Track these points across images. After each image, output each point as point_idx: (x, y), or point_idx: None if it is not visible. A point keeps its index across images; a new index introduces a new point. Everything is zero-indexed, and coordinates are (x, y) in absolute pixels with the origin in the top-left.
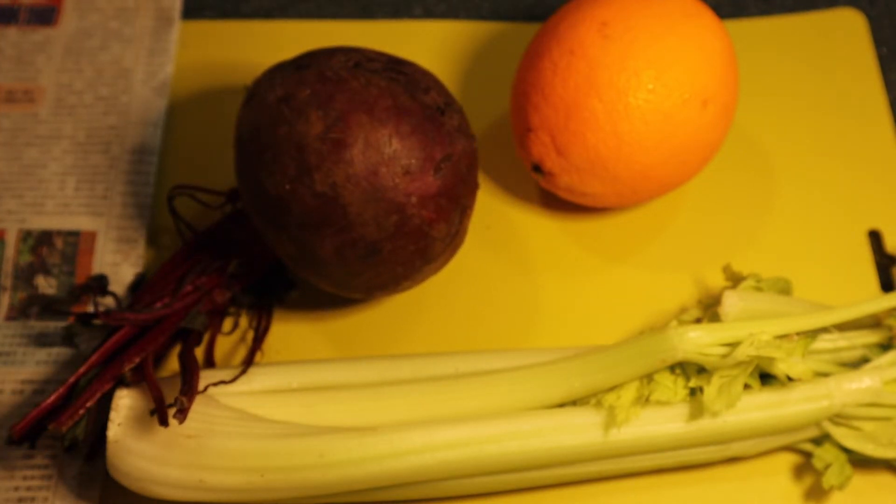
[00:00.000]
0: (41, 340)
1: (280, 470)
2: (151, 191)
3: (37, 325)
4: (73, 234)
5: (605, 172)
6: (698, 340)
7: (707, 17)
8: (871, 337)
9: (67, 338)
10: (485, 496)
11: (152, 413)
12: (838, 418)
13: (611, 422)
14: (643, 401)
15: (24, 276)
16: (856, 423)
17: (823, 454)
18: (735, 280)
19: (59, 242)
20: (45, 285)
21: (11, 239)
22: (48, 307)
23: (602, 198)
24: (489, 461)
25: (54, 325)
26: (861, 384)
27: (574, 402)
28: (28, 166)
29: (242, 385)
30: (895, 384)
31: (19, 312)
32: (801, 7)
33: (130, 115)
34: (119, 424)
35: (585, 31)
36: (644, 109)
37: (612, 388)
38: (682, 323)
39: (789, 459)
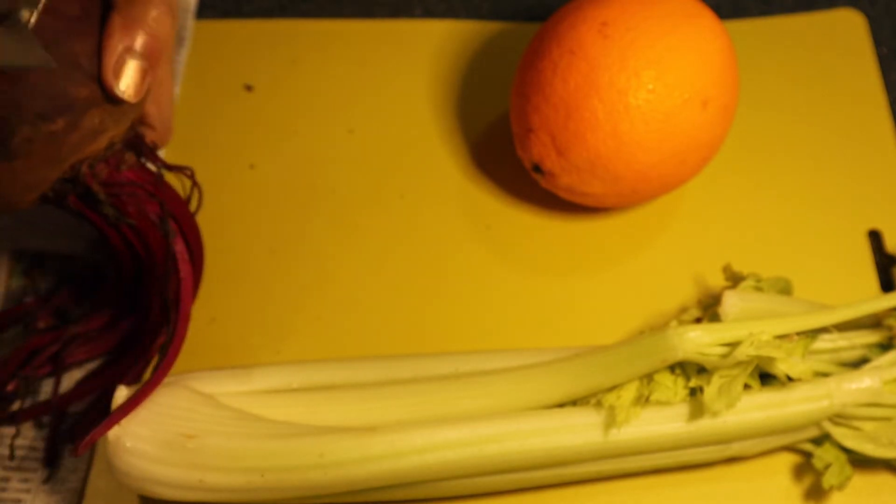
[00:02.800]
0: None
1: (280, 470)
2: None
3: None
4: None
5: (606, 172)
6: (698, 340)
7: (707, 17)
8: (871, 337)
9: None
10: (485, 496)
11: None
12: (838, 418)
13: (611, 422)
14: (643, 401)
15: (16, 300)
16: (856, 423)
17: (823, 454)
18: (735, 280)
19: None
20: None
21: (4, 258)
22: None
23: (602, 198)
24: (489, 461)
25: None
26: (861, 384)
27: (574, 402)
28: None
29: (242, 385)
30: (895, 384)
31: None
32: (801, 7)
33: None
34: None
35: (586, 31)
36: (644, 109)
37: (612, 388)
38: (682, 323)
39: (789, 459)
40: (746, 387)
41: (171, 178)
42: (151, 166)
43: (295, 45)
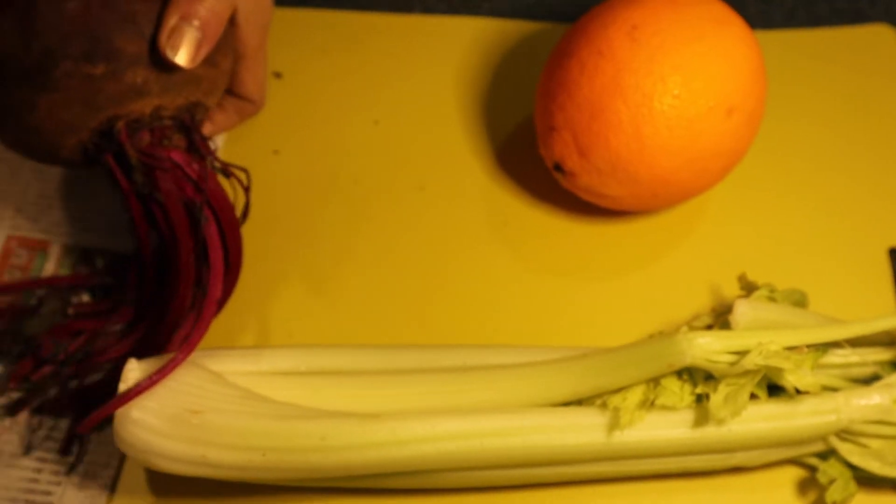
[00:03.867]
0: None
1: (281, 451)
2: None
3: None
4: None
5: (626, 175)
6: (707, 347)
7: (737, 25)
8: (884, 354)
9: None
10: (485, 491)
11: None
12: (845, 434)
13: (615, 423)
14: (648, 404)
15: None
16: (863, 440)
17: (828, 469)
18: (749, 289)
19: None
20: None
21: (54, 253)
22: None
23: (621, 200)
24: (490, 455)
25: None
26: (870, 401)
27: (579, 402)
28: (79, 177)
29: (251, 365)
30: None
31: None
32: (801, 12)
33: None
34: None
35: (615, 33)
36: (668, 115)
37: (618, 390)
38: (692, 329)
39: (794, 473)
40: (753, 397)
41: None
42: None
43: (326, 36)
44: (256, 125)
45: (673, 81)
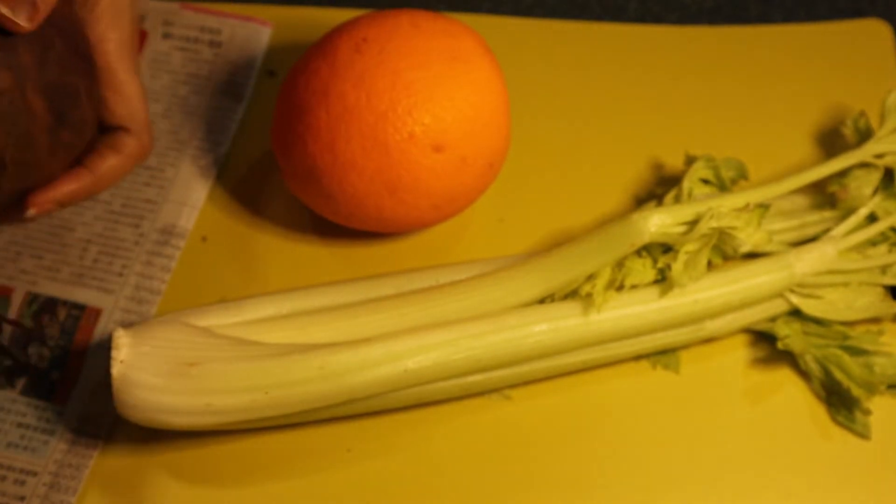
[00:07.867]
0: None
1: (283, 385)
2: (168, 277)
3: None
4: (78, 308)
5: (321, 187)
6: (662, 222)
7: (476, 66)
8: (824, 214)
9: None
10: (479, 395)
11: None
12: (800, 288)
13: (589, 309)
14: (617, 285)
15: (20, 342)
16: (818, 293)
17: (782, 326)
18: (690, 161)
19: (61, 313)
20: (37, 356)
21: (17, 299)
22: None
23: (332, 215)
24: (479, 356)
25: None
26: (817, 253)
27: (553, 299)
28: (56, 226)
29: (235, 317)
30: (849, 252)
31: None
32: (801, 12)
33: (170, 192)
34: (122, 362)
35: (344, 43)
36: (365, 134)
37: (587, 280)
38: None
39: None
40: (712, 265)
41: None
42: None
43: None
44: (253, 122)
45: (379, 101)
